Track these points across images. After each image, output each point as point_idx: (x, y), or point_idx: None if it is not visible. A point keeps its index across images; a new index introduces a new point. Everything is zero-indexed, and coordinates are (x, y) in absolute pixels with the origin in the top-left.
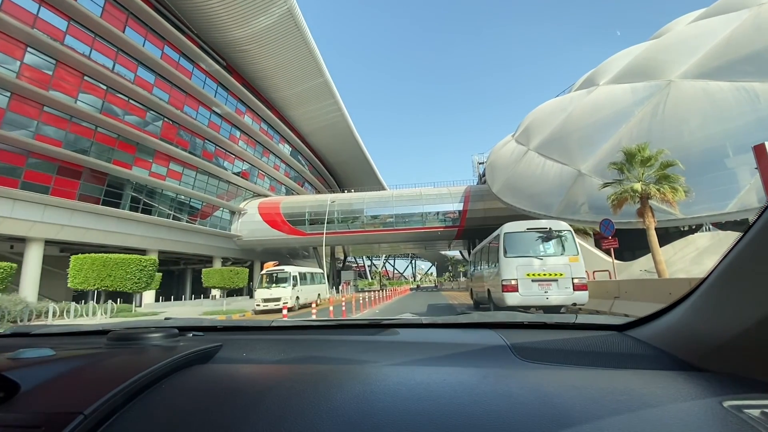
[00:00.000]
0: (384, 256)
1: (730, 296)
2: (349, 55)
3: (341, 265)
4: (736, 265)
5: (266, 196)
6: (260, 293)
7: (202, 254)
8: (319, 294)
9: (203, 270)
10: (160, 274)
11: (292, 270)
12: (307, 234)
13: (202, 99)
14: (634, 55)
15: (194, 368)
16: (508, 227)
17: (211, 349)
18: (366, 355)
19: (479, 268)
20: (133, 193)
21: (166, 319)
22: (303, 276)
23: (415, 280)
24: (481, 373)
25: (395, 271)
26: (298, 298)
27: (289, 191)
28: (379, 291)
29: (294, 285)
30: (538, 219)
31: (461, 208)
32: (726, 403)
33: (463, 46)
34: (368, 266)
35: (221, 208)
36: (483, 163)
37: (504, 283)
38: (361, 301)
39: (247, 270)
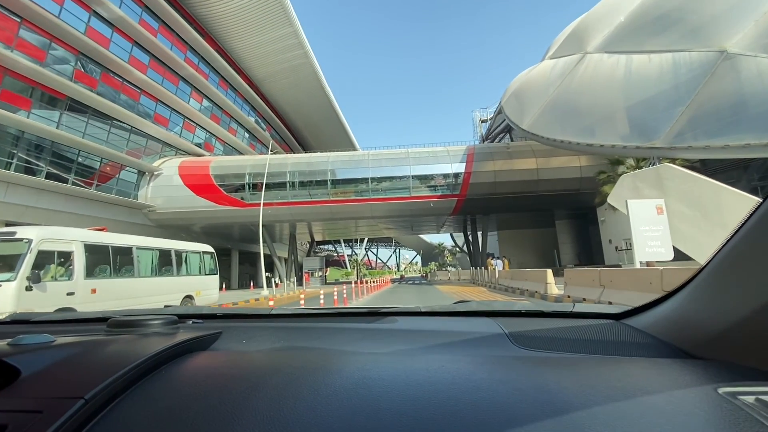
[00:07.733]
0: (366, 242)
1: (727, 285)
2: (332, 36)
3: (308, 251)
4: (735, 255)
5: (199, 155)
6: None
7: None
8: (189, 296)
9: None
10: None
11: (41, 236)
12: (247, 205)
13: None
14: None
15: (194, 355)
16: None
17: (211, 336)
18: (365, 342)
19: None
20: None
21: (165, 306)
22: (115, 253)
23: (399, 270)
24: (479, 360)
25: (378, 261)
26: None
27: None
28: (349, 284)
29: (34, 273)
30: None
31: (462, 171)
32: (721, 390)
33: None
34: (348, 255)
35: (123, 166)
36: (486, 121)
37: None
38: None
39: None
